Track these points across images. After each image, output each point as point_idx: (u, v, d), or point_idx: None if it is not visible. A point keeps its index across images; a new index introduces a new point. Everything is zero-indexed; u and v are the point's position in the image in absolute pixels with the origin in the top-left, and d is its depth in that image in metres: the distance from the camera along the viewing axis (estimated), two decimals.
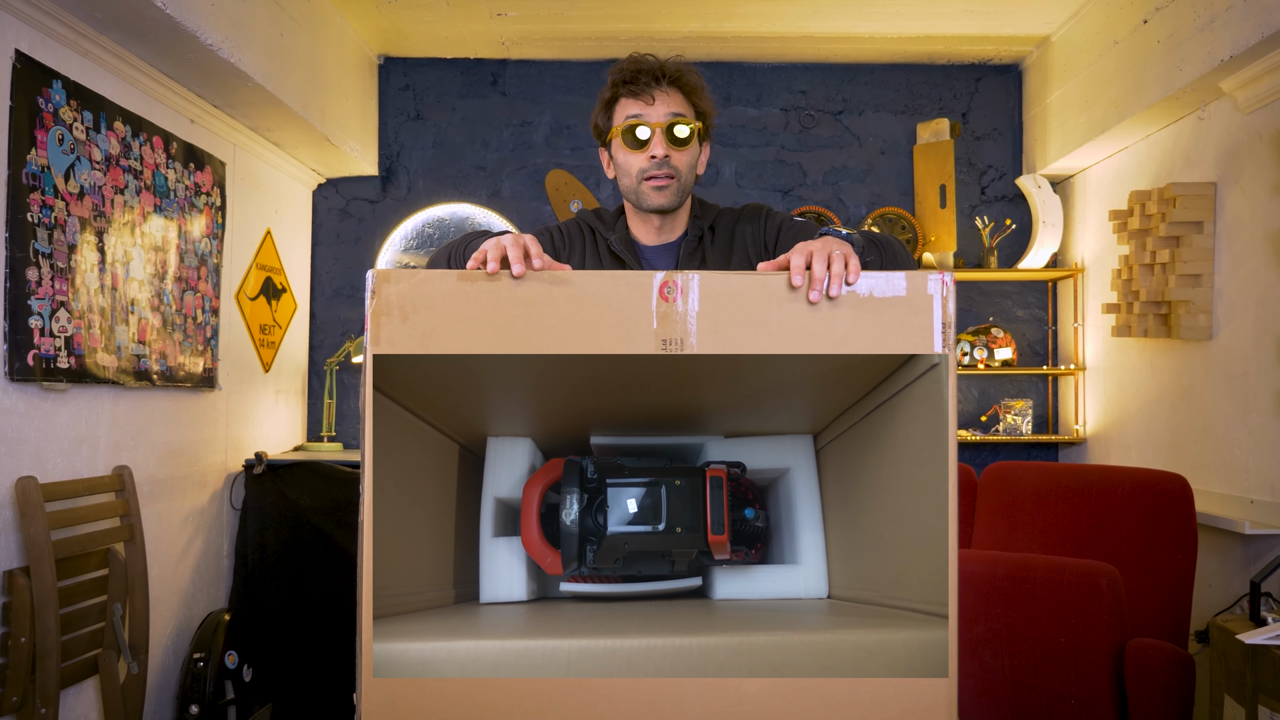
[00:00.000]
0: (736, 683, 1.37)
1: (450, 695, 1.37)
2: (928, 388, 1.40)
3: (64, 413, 2.79)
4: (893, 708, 1.37)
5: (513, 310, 1.39)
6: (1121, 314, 3.74)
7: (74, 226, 2.79)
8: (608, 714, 1.37)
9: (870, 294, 1.40)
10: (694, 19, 4.14)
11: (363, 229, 4.60)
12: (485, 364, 1.41)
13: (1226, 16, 3.00)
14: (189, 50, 3.00)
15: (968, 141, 4.64)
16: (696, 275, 1.40)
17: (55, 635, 2.55)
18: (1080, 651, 2.53)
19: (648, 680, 1.36)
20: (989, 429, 4.53)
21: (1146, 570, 2.96)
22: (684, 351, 1.39)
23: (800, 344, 1.39)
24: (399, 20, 4.19)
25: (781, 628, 1.42)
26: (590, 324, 1.39)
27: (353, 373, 4.52)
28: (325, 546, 3.74)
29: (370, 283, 1.39)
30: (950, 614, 1.38)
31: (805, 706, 1.37)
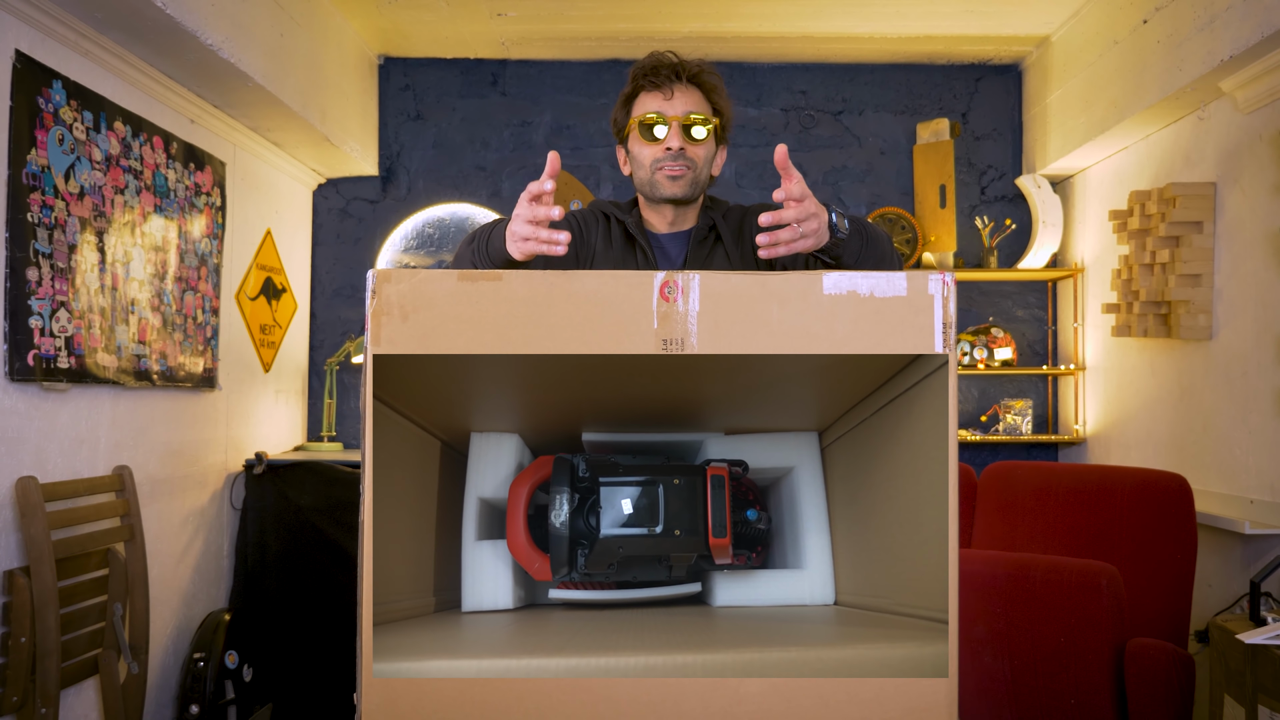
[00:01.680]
0: (736, 683, 1.37)
1: (450, 695, 1.37)
2: (929, 388, 1.40)
3: (64, 413, 2.79)
4: (893, 708, 1.37)
5: (513, 310, 1.39)
6: (1121, 314, 3.74)
7: (74, 226, 2.79)
8: (608, 714, 1.37)
9: (871, 294, 1.40)
10: (694, 19, 4.14)
11: (363, 229, 4.60)
12: (477, 359, 1.37)
13: (1226, 16, 3.00)
14: (189, 50, 3.00)
15: (968, 141, 4.64)
16: (697, 275, 1.40)
17: (55, 635, 2.55)
18: (1080, 651, 2.53)
19: (648, 680, 1.36)
20: (989, 429, 4.53)
21: (1146, 570, 2.96)
22: (684, 351, 1.39)
23: (801, 344, 1.39)
24: (399, 20, 4.19)
25: (789, 643, 1.39)
26: (591, 324, 1.39)
27: (353, 373, 4.52)
28: (325, 546, 3.74)
29: (370, 282, 1.39)
30: (951, 615, 1.37)
31: (805, 706, 1.37)
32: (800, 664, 1.35)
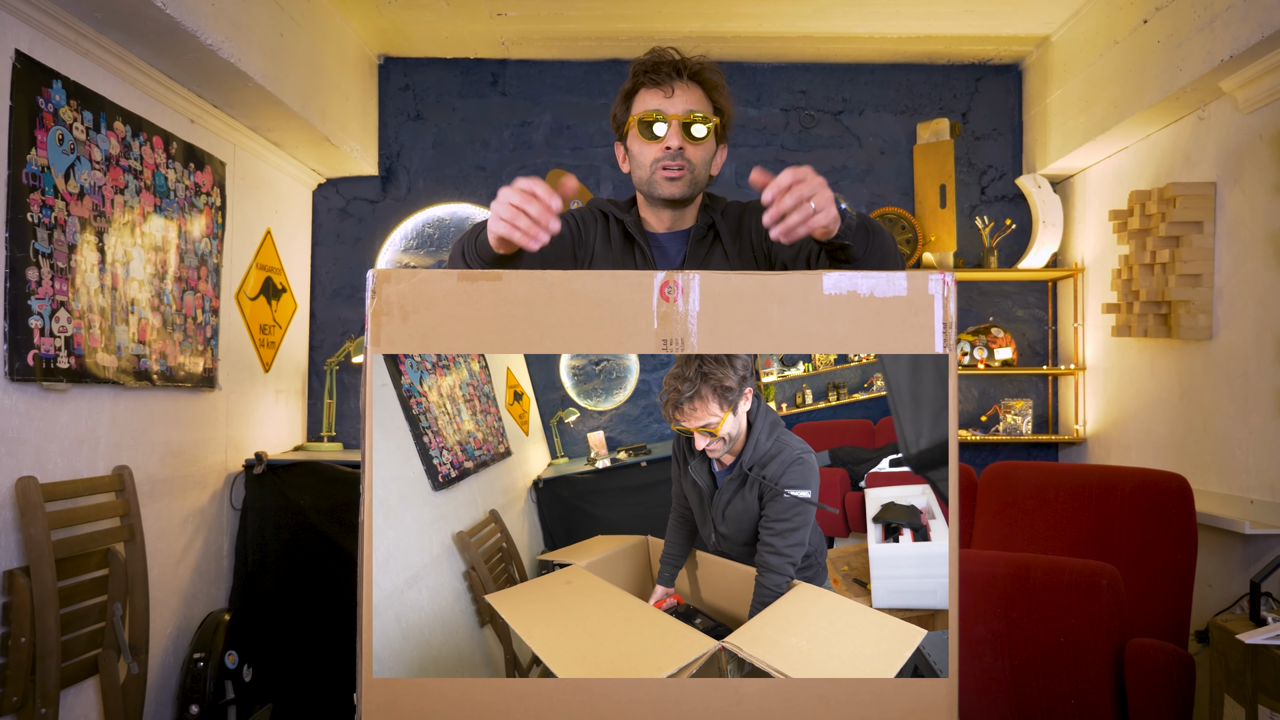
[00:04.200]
0: (736, 683, 1.37)
1: (450, 695, 1.37)
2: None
3: (64, 413, 2.79)
4: (893, 708, 1.37)
5: (513, 310, 1.39)
6: (1121, 314, 3.74)
7: (74, 226, 2.79)
8: (608, 714, 1.37)
9: (871, 294, 1.40)
10: (694, 19, 4.14)
11: (363, 229, 4.60)
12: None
13: (1226, 16, 3.00)
14: (189, 50, 3.00)
15: (968, 141, 4.64)
16: (697, 275, 1.40)
17: (55, 635, 2.55)
18: (1080, 651, 2.53)
19: (648, 680, 1.36)
20: (989, 429, 4.53)
21: (1146, 570, 2.96)
22: (685, 351, 1.39)
23: (801, 344, 1.39)
24: (399, 20, 4.19)
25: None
26: (591, 324, 1.39)
27: (353, 373, 4.52)
28: (325, 546, 3.74)
29: (371, 282, 1.39)
30: (950, 614, 1.37)
31: (805, 707, 1.37)
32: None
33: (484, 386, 1.49)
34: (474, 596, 1.48)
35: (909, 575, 1.38)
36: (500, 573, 1.47)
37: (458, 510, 1.50)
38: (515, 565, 1.48)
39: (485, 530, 1.50)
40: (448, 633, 1.43)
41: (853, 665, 1.36)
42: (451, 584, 1.46)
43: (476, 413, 1.50)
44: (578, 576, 1.45)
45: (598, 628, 1.41)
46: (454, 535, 1.47)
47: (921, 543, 1.39)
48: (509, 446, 1.58)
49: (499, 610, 1.41)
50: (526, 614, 1.41)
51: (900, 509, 1.41)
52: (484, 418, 1.51)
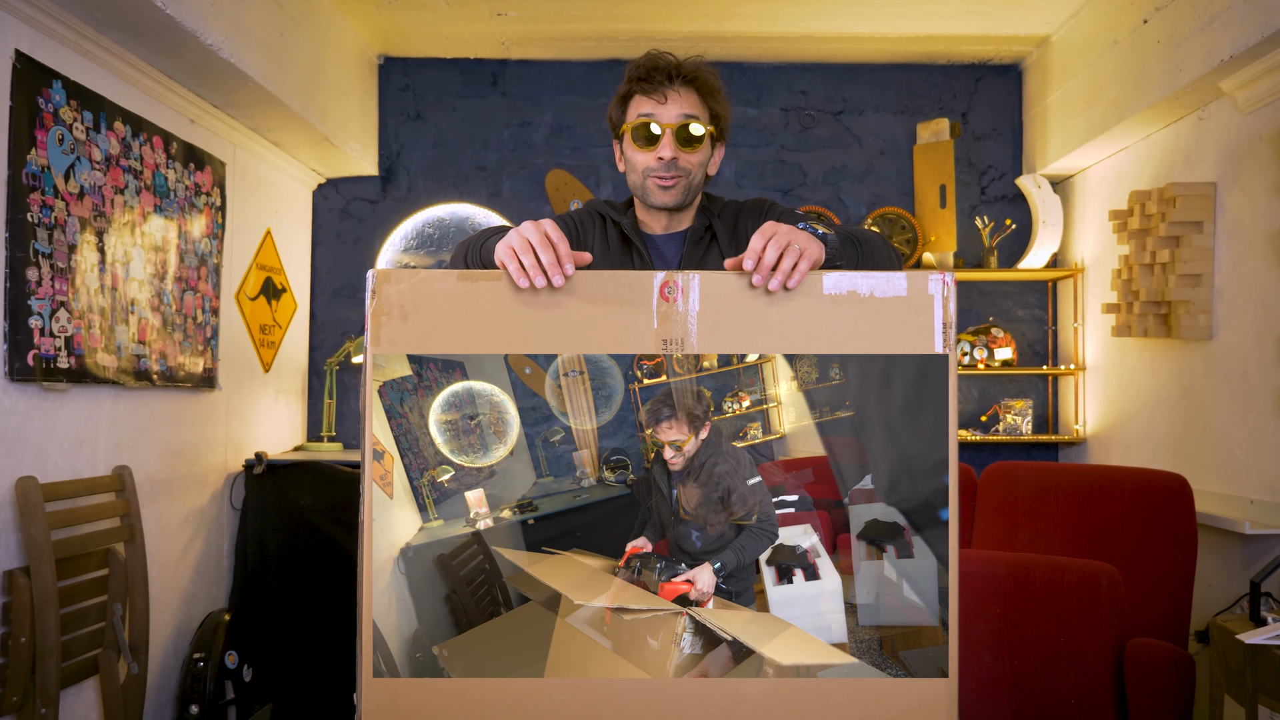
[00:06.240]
0: (736, 683, 1.37)
1: (450, 695, 1.37)
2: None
3: (64, 413, 2.79)
4: (893, 708, 1.37)
5: (513, 310, 1.39)
6: (1121, 314, 3.74)
7: (74, 226, 2.79)
8: (608, 714, 1.37)
9: (871, 294, 1.40)
10: (694, 19, 4.14)
11: (363, 229, 4.60)
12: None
13: (1226, 16, 3.00)
14: (189, 50, 3.00)
15: (968, 141, 4.64)
16: (697, 275, 1.40)
17: (55, 635, 2.55)
18: (1080, 651, 2.53)
19: (648, 680, 1.36)
20: (989, 429, 4.53)
21: (1146, 570, 2.96)
22: (684, 352, 1.39)
23: (801, 344, 1.39)
24: (399, 20, 4.19)
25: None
26: (591, 324, 1.39)
27: (353, 373, 4.52)
28: (325, 546, 3.74)
29: (370, 283, 1.39)
30: (951, 614, 1.38)
31: (805, 707, 1.37)
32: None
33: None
34: (455, 621, 1.43)
35: (804, 615, 1.39)
36: (483, 595, 1.44)
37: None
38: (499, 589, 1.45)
39: (467, 553, 1.47)
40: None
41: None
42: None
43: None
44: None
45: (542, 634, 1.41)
46: (435, 559, 1.45)
47: (813, 581, 1.42)
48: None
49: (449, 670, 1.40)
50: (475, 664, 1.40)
51: (883, 525, 1.42)
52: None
